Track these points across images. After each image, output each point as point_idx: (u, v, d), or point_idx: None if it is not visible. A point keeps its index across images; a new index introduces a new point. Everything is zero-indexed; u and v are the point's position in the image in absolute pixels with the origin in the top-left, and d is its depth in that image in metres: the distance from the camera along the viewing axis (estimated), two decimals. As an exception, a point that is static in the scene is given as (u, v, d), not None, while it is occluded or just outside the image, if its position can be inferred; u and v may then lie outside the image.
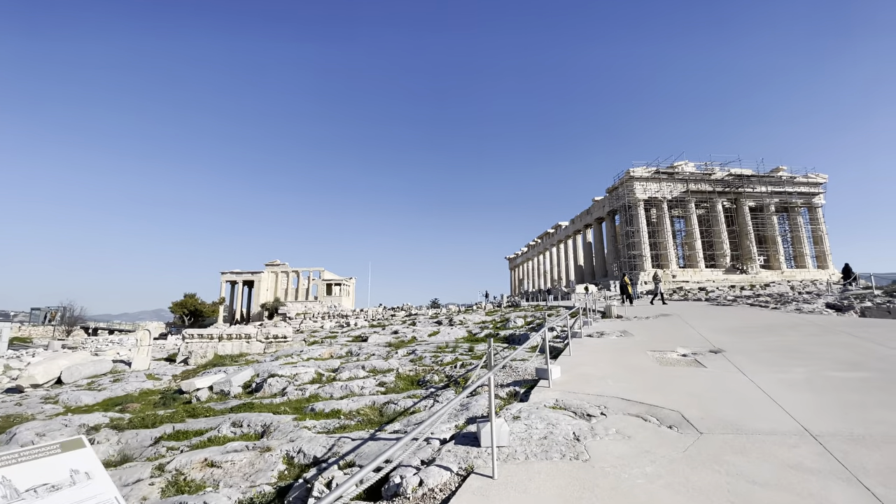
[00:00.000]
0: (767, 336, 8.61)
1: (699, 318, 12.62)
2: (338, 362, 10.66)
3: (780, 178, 48.45)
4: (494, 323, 20.18)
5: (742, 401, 4.74)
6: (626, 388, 5.49)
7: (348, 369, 9.43)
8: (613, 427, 4.20)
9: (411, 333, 17.08)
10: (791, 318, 10.97)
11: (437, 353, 10.44)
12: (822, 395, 4.75)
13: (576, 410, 4.72)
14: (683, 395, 5.07)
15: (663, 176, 46.95)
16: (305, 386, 8.31)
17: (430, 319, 25.61)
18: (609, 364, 6.97)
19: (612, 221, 52.41)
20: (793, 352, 6.99)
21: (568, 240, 64.94)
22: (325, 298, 76.73)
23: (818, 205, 48.90)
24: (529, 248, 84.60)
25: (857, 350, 6.67)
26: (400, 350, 11.61)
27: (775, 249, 47.11)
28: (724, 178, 47.54)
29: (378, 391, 7.46)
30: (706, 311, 15.23)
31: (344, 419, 5.98)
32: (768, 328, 9.55)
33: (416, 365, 9.11)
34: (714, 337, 8.89)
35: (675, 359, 7.22)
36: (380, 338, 16.18)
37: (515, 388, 6.03)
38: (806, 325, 9.46)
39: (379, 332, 19.31)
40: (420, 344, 13.39)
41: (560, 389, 5.51)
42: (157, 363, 17.43)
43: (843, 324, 9.33)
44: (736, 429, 4.00)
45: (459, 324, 21.43)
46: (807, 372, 5.72)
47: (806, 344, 7.52)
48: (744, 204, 47.58)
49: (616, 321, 13.35)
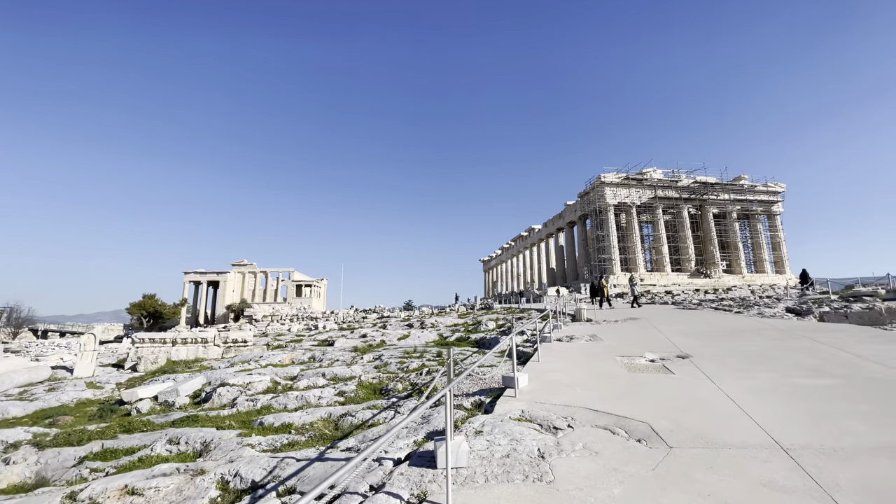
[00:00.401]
0: (732, 340, 8.64)
1: (666, 321, 12.71)
2: (297, 369, 10.08)
3: (741, 187, 50.51)
4: (466, 326, 19.91)
5: (711, 410, 4.58)
6: (594, 396, 5.26)
7: (307, 377, 8.89)
8: (580, 441, 3.93)
9: (380, 337, 16.58)
10: (754, 323, 11.16)
11: (404, 358, 10.02)
12: (789, 404, 4.65)
13: (542, 423, 4.44)
14: (652, 404, 4.88)
15: (632, 182, 48.12)
16: (258, 396, 7.73)
17: (402, 322, 25.12)
18: (578, 370, 6.77)
19: (584, 225, 53.30)
20: (758, 357, 6.98)
21: (541, 243, 65.69)
22: (295, 300, 74.76)
23: (777, 212, 51.25)
24: (503, 250, 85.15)
25: (818, 355, 6.71)
26: (366, 355, 11.13)
27: (737, 255, 49.04)
28: (690, 185, 49.15)
29: (336, 401, 6.99)
30: (673, 314, 15.44)
31: (295, 434, 5.50)
32: (733, 332, 9.63)
33: (380, 372, 8.67)
34: (681, 341, 8.87)
35: (644, 364, 7.09)
36: (347, 342, 15.60)
37: (481, 397, 5.71)
38: (768, 330, 9.59)
39: (347, 335, 18.69)
40: (388, 348, 12.94)
41: (527, 399, 5.22)
42: (103, 370, 16.24)
43: (804, 328, 9.51)
44: (706, 442, 3.80)
45: (431, 327, 21.04)
46: (773, 378, 5.66)
47: (770, 349, 7.55)
48: (708, 210, 49.31)
49: (585, 325, 13.30)
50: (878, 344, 7.23)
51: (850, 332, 8.63)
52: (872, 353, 6.53)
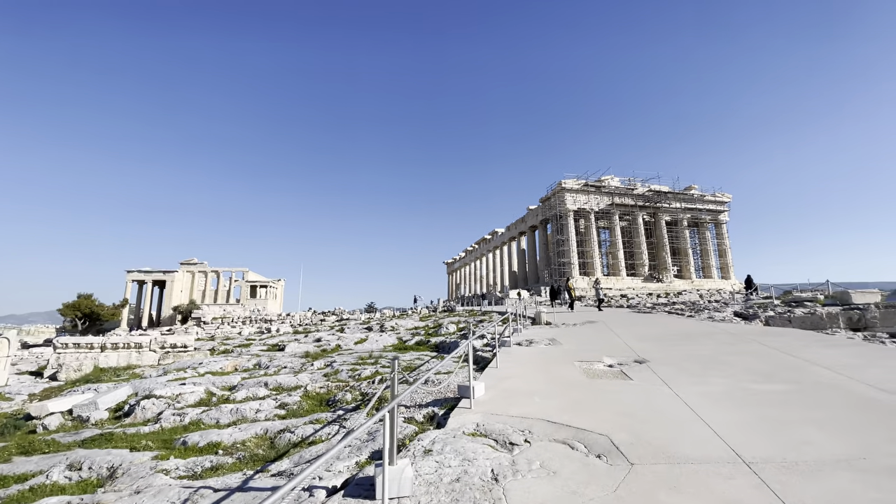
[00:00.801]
0: (687, 345, 8.72)
1: (623, 325, 12.84)
2: (238, 378, 9.27)
3: (692, 196, 53.18)
4: (427, 329, 19.47)
5: (670, 420, 4.40)
6: (553, 406, 4.98)
7: (248, 387, 8.14)
8: (538, 459, 3.60)
9: (336, 341, 15.82)
10: (705, 327, 11.43)
11: (357, 365, 9.45)
12: (745, 411, 4.55)
13: (497, 438, 4.08)
14: (612, 414, 4.65)
15: (591, 189, 49.51)
16: (188, 410, 6.94)
17: (361, 325, 24.31)
18: (537, 377, 6.51)
19: (545, 230, 54.27)
20: (712, 361, 7.00)
21: (504, 246, 66.34)
22: (249, 301, 71.46)
23: (723, 221, 54.32)
24: (467, 253, 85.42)
25: (769, 360, 6.80)
26: (317, 362, 10.44)
27: (687, 261, 51.52)
28: (644, 193, 51.17)
29: (276, 415, 6.36)
30: (629, 318, 15.70)
31: (222, 455, 4.86)
32: (687, 336, 9.77)
33: (329, 380, 8.06)
34: (638, 345, 8.86)
35: (603, 370, 6.94)
36: (299, 346, 14.75)
37: (435, 408, 5.30)
38: (720, 334, 9.80)
39: (300, 339, 17.76)
40: (342, 353, 12.28)
41: (482, 410, 4.86)
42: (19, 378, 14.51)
43: (752, 332, 9.79)
44: (667, 456, 3.57)
45: (391, 330, 20.44)
46: (727, 384, 5.61)
47: (722, 353, 7.62)
48: (661, 218, 51.52)
49: (545, 328, 13.21)
50: (823, 348, 7.46)
51: (796, 336, 8.94)
52: (819, 358, 6.69)
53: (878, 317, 11.64)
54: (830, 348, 7.45)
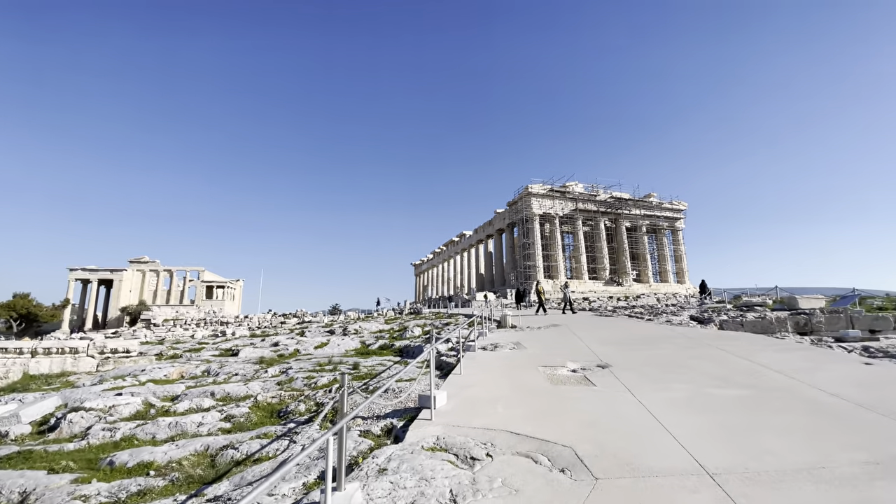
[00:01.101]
0: (647, 349, 8.83)
1: (586, 328, 12.97)
2: (183, 386, 8.59)
3: (651, 203, 55.32)
4: (392, 332, 19.05)
5: (634, 429, 4.31)
6: (516, 415, 4.80)
7: (192, 397, 7.52)
8: (500, 476, 3.39)
9: (294, 346, 15.15)
10: (664, 331, 11.70)
11: (315, 372, 8.98)
12: (706, 418, 4.54)
13: (458, 452, 3.85)
14: (576, 423, 4.52)
15: (556, 194, 50.54)
16: (120, 424, 6.29)
17: (323, 328, 23.53)
18: (501, 383, 6.34)
19: (511, 233, 54.89)
20: (672, 366, 7.08)
21: (471, 248, 66.58)
22: (204, 303, 68.20)
23: (680, 228, 56.82)
24: (435, 255, 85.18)
25: (726, 365, 6.94)
26: (271, 368, 9.87)
27: (645, 265, 53.49)
28: (607, 199, 52.76)
29: (220, 429, 5.85)
30: (591, 321, 15.94)
31: (153, 477, 4.36)
32: (647, 340, 9.93)
33: (282, 389, 7.58)
34: (601, 350, 8.90)
35: (566, 375, 6.87)
36: (254, 351, 14.00)
37: (393, 420, 5.00)
38: (678, 338, 10.02)
39: (256, 343, 16.91)
40: (300, 359, 11.71)
41: (444, 422, 4.61)
42: (-70, 389, 12.96)
43: (708, 336, 10.08)
44: (632, 469, 3.45)
45: (354, 333, 19.87)
46: (688, 389, 5.64)
47: (682, 357, 7.74)
48: (622, 224, 53.28)
49: (510, 332, 13.16)
50: (775, 352, 7.72)
51: (749, 340, 9.26)
52: (772, 362, 6.89)
53: (822, 322, 12.34)
54: (782, 352, 7.73)
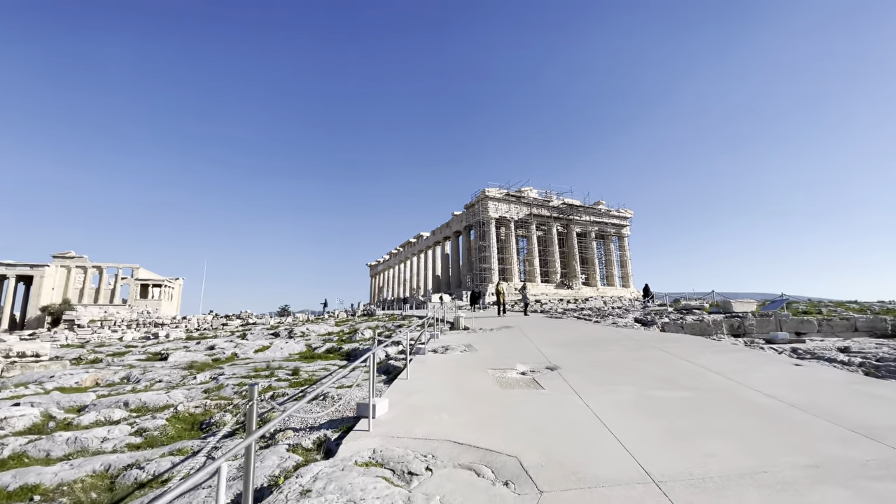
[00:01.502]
0: (594, 350, 8.90)
1: (537, 330, 13.03)
2: (93, 395, 7.60)
3: (600, 211, 57.65)
4: (341, 335, 18.31)
5: (581, 435, 4.16)
6: (462, 423, 4.52)
7: (102, 407, 6.63)
8: (438, 493, 3.08)
9: (233, 349, 14.10)
10: (610, 332, 11.96)
11: (249, 378, 8.27)
12: (652, 421, 4.49)
13: (395, 467, 3.50)
14: (523, 429, 4.31)
15: (512, 199, 51.42)
16: (11, 439, 5.36)
17: (268, 331, 22.25)
18: (448, 388, 6.05)
19: (468, 236, 55.19)
20: (617, 368, 7.12)
21: (428, 250, 66.29)
22: (138, 302, 63.17)
23: (626, 235, 59.61)
24: (391, 255, 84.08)
25: (669, 366, 7.07)
26: (201, 374, 9.00)
27: (593, 270, 55.62)
28: (559, 205, 54.38)
29: (128, 444, 5.12)
30: (543, 323, 16.10)
31: (37, 503, 3.67)
32: (594, 342, 10.05)
33: (209, 398, 6.86)
34: (550, 351, 8.87)
35: (516, 378, 6.70)
36: (186, 356, 12.85)
37: (327, 431, 4.56)
38: (624, 339, 10.23)
39: (190, 346, 15.61)
40: (236, 364, 10.84)
41: (382, 432, 4.24)
42: None
43: (652, 338, 10.38)
44: (578, 479, 3.26)
45: (301, 336, 18.92)
46: (633, 392, 5.63)
47: (627, 359, 7.83)
48: (573, 229, 55.10)
49: (463, 333, 12.96)
50: (713, 354, 8.00)
51: (689, 342, 9.60)
52: (711, 364, 7.10)
53: (754, 324, 13.16)
54: (719, 354, 8.02)
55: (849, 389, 5.58)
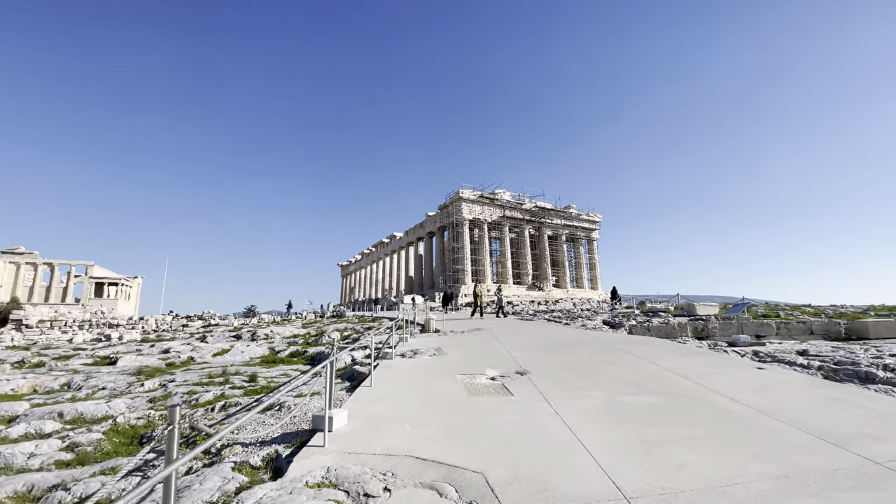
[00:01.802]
0: (564, 354, 8.83)
1: (507, 333, 12.92)
2: (27, 404, 6.88)
3: (570, 214, 58.68)
4: (307, 337, 17.70)
5: (550, 446, 3.98)
6: (426, 435, 4.26)
7: (32, 419, 5.98)
8: (396, 518, 2.81)
9: (189, 353, 13.33)
10: (580, 335, 11.98)
11: (201, 385, 7.72)
12: (622, 429, 4.36)
13: (350, 488, 3.20)
14: (490, 441, 4.09)
15: (486, 200, 51.60)
16: (-87, 460, 4.72)
17: (230, 333, 21.29)
18: (414, 396, 5.78)
19: (442, 237, 55.00)
20: (587, 372, 7.03)
21: (402, 251, 65.67)
22: (93, 302, 59.68)
23: (595, 238, 60.90)
24: (364, 255, 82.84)
25: (637, 370, 7.04)
26: (150, 381, 8.35)
27: (564, 272, 56.50)
28: (531, 208, 54.96)
29: (57, 461, 4.58)
30: (513, 325, 16.04)
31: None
32: (564, 345, 10.00)
33: (154, 408, 6.31)
34: (520, 355, 8.73)
35: (485, 384, 6.50)
36: (137, 360, 12.03)
37: (279, 446, 4.20)
38: (593, 342, 10.24)
39: (144, 350, 14.67)
40: (191, 370, 10.19)
41: (339, 448, 3.93)
42: None
43: (619, 341, 10.43)
44: (547, 497, 3.07)
45: (264, 338, 18.18)
46: (603, 397, 5.53)
47: (596, 363, 7.78)
48: (544, 232, 55.81)
49: (433, 336, 12.70)
50: (679, 357, 8.06)
51: (655, 345, 9.69)
52: (678, 367, 7.12)
53: (717, 327, 13.51)
54: (686, 357, 8.09)
55: (810, 393, 5.66)
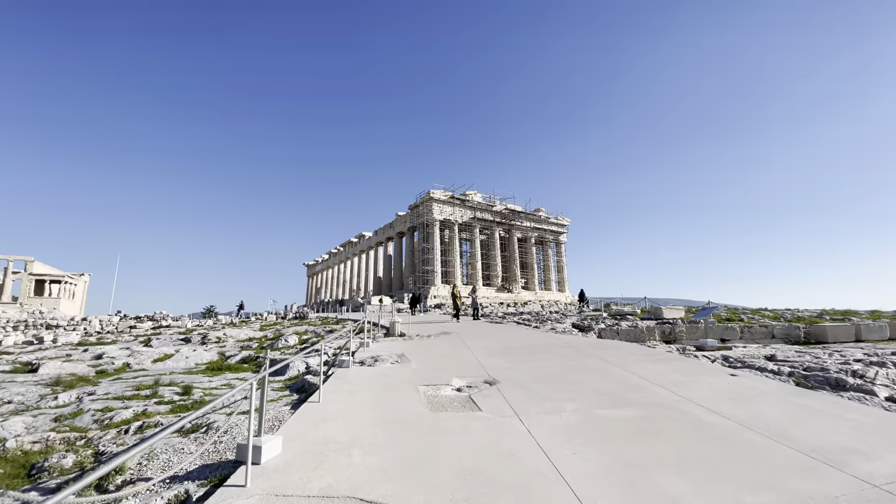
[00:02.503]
0: (535, 359, 8.36)
1: (476, 336, 12.39)
2: None
3: (540, 217, 59.18)
4: (262, 341, 16.55)
5: (522, 477, 3.40)
6: (376, 466, 3.58)
7: None
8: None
9: (126, 358, 12.02)
10: (549, 339, 11.60)
11: (122, 399, 6.69)
12: (602, 450, 3.85)
13: (271, 544, 2.49)
14: (453, 472, 3.46)
15: (457, 202, 51.21)
16: None
17: (179, 336, 19.73)
18: (368, 413, 5.08)
19: (412, 237, 54.18)
20: (560, 381, 6.55)
21: (370, 251, 64.31)
22: (33, 300, 55.03)
23: (563, 241, 61.69)
24: (331, 255, 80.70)
25: (611, 378, 6.63)
26: (66, 394, 7.22)
27: (532, 274, 56.89)
28: (502, 210, 55.03)
29: None
30: (482, 328, 15.55)
31: None
32: (534, 350, 9.55)
33: (57, 429, 5.31)
34: (489, 362, 8.19)
35: (450, 397, 5.89)
36: (63, 366, 10.66)
37: (191, 484, 3.40)
38: (563, 347, 9.84)
39: (74, 355, 13.16)
40: (120, 379, 9.05)
41: (265, 488, 3.18)
42: None
43: (590, 345, 10.09)
44: (519, 549, 2.47)
45: (216, 342, 16.87)
46: (579, 410, 5.03)
47: (569, 370, 7.33)
48: (514, 235, 56.00)
49: (398, 341, 11.99)
50: (652, 363, 7.74)
51: (627, 350, 9.39)
52: (652, 374, 6.76)
53: (684, 331, 13.49)
54: (658, 363, 7.78)
55: (788, 402, 5.38)
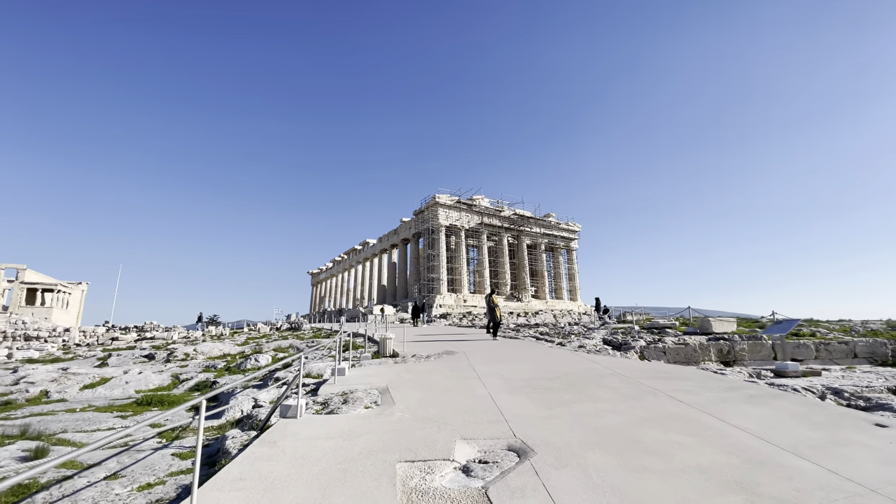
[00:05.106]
0: (579, 402, 5.79)
1: (487, 359, 9.84)
2: None
3: (550, 223, 56.63)
4: (233, 358, 14.14)
5: None
6: None
7: None
8: None
9: (48, 384, 9.64)
10: (584, 362, 9.04)
11: None
12: None
13: None
14: None
15: (463, 206, 48.90)
16: None
17: (145, 352, 17.35)
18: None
19: (417, 244, 51.91)
20: (633, 449, 4.00)
21: (375, 258, 62.11)
22: (24, 309, 53.24)
23: (574, 248, 59.02)
24: (335, 263, 78.65)
25: (709, 440, 4.07)
26: None
27: (543, 282, 54.19)
28: (510, 216, 52.59)
29: None
30: (493, 346, 12.95)
31: None
32: (572, 382, 7.01)
33: None
34: (512, 405, 5.67)
35: (446, 491, 3.38)
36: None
37: None
38: (609, 376, 7.30)
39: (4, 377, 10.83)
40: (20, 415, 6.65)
41: None
42: None
43: (644, 373, 7.53)
44: None
45: (182, 359, 14.51)
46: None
47: (636, 422, 4.78)
48: (523, 241, 53.47)
49: (387, 364, 9.50)
50: (748, 405, 5.17)
51: (696, 380, 6.82)
52: (764, 430, 4.20)
53: (745, 349, 10.89)
54: (757, 406, 5.20)
55: None
